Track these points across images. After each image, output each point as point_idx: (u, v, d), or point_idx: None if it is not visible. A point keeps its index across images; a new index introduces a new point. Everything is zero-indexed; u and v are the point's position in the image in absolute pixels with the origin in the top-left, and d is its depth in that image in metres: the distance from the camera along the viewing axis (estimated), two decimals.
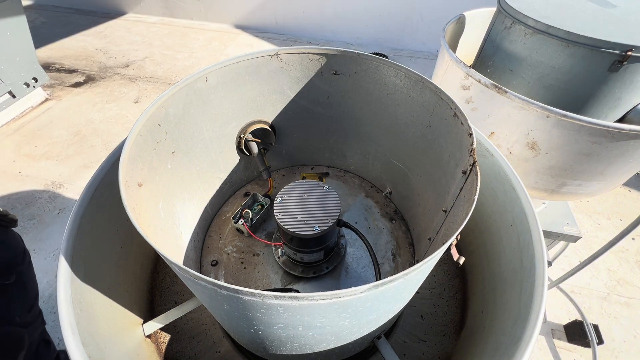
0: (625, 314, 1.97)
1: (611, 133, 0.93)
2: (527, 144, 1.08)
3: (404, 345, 0.80)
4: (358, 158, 1.06)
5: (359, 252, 0.89)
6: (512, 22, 1.12)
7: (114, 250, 0.74)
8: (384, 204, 1.02)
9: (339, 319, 0.48)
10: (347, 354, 0.70)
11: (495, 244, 0.77)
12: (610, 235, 1.61)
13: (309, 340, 0.55)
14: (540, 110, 0.97)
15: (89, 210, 0.67)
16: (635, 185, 2.73)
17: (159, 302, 0.88)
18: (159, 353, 0.79)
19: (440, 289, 0.90)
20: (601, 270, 2.17)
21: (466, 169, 0.61)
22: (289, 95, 0.91)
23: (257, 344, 0.61)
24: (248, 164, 1.04)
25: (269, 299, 0.40)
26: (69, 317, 0.54)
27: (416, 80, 0.74)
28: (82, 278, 0.60)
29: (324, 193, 0.73)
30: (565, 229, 1.43)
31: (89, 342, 0.54)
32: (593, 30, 0.97)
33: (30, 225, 2.35)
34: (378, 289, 0.41)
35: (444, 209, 0.72)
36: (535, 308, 0.56)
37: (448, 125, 0.70)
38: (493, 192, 0.77)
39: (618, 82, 1.00)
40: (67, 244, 0.61)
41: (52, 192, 2.57)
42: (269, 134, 0.97)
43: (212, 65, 0.76)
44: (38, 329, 1.09)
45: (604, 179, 1.11)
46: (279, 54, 0.81)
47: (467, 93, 1.15)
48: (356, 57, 0.79)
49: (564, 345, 1.82)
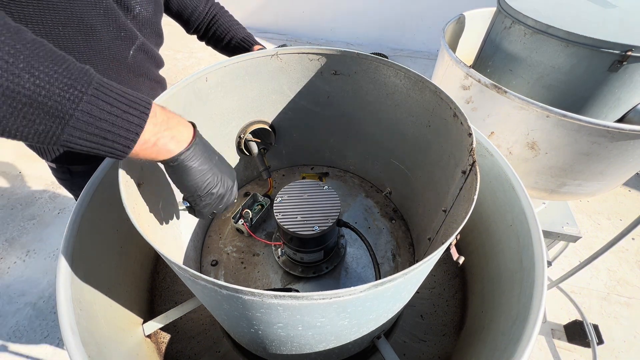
0: (625, 314, 1.97)
1: (611, 133, 0.93)
2: (527, 144, 1.08)
3: (404, 345, 0.80)
4: (358, 158, 1.06)
5: (359, 252, 0.89)
6: (512, 22, 1.12)
7: (114, 250, 0.74)
8: (384, 204, 1.02)
9: (338, 318, 0.48)
10: (347, 354, 0.70)
11: (494, 244, 0.77)
12: (610, 235, 1.61)
13: (308, 340, 0.55)
14: (540, 110, 0.97)
15: (89, 210, 0.67)
16: (635, 185, 2.73)
17: (159, 302, 0.88)
18: (159, 353, 0.79)
19: (440, 289, 0.90)
20: (601, 270, 2.17)
21: (466, 168, 0.61)
22: (289, 95, 0.92)
23: (257, 343, 0.61)
24: (248, 164, 1.04)
25: (269, 298, 0.40)
26: (69, 316, 0.54)
27: (416, 80, 0.74)
28: (82, 278, 0.60)
29: (324, 193, 0.74)
30: (565, 229, 1.43)
31: (89, 341, 0.54)
32: (593, 30, 0.97)
33: (30, 225, 2.35)
34: (378, 288, 0.41)
35: (444, 208, 0.72)
36: (534, 308, 0.56)
37: (448, 125, 0.70)
38: (493, 192, 0.77)
39: (618, 82, 1.00)
40: (67, 244, 0.61)
41: (52, 192, 2.57)
42: (269, 134, 0.97)
43: (212, 65, 0.76)
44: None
45: (604, 179, 1.11)
46: (279, 54, 0.81)
47: (467, 93, 1.15)
48: (356, 57, 0.79)
49: (564, 345, 1.82)
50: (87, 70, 0.40)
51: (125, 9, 0.80)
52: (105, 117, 0.41)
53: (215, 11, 1.13)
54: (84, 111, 0.39)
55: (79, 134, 0.40)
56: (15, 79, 0.34)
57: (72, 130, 0.39)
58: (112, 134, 0.42)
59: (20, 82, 0.35)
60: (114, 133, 0.42)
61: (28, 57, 0.35)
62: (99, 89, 0.40)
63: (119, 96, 0.42)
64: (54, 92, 0.37)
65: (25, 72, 0.35)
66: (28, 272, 2.09)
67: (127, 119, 0.43)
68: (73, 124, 0.39)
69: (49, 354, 1.78)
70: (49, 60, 0.37)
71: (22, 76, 0.35)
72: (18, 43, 0.35)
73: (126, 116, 0.42)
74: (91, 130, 0.40)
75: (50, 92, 0.36)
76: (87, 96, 0.39)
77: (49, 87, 0.36)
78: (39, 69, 0.36)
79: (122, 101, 0.42)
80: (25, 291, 2.00)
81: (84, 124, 0.40)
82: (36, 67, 0.36)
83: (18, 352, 1.78)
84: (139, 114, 0.44)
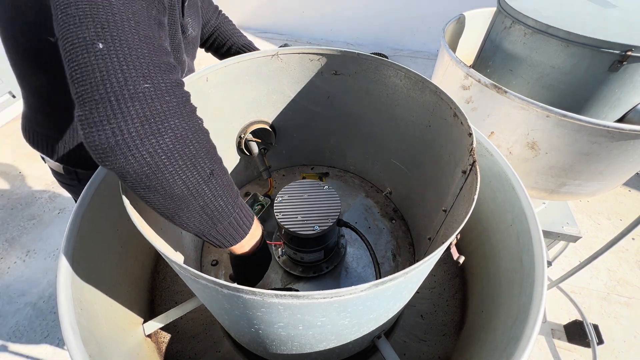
0: (625, 314, 1.97)
1: (611, 133, 0.93)
2: (527, 144, 1.08)
3: (404, 344, 0.80)
4: (358, 158, 1.06)
5: (359, 252, 0.89)
6: (512, 22, 1.12)
7: (114, 250, 0.74)
8: (384, 204, 1.02)
9: (339, 318, 0.48)
10: (347, 354, 0.70)
11: (494, 244, 0.77)
12: (610, 235, 1.61)
13: (309, 340, 0.55)
14: (540, 110, 0.97)
15: (89, 210, 0.67)
16: (635, 185, 2.73)
17: (159, 301, 0.88)
18: (159, 353, 0.79)
19: (440, 289, 0.90)
20: (601, 270, 2.17)
21: (466, 168, 0.61)
22: (289, 95, 0.92)
23: (258, 343, 0.61)
24: (248, 164, 1.04)
25: (270, 297, 0.40)
26: (69, 316, 0.54)
27: (416, 80, 0.74)
28: (82, 278, 0.60)
29: (324, 193, 0.74)
30: (565, 229, 1.43)
31: (90, 341, 0.54)
32: (593, 30, 0.97)
33: (30, 225, 2.35)
34: (378, 287, 0.41)
35: (444, 208, 0.72)
36: (534, 308, 0.56)
37: (448, 125, 0.70)
38: (493, 192, 0.77)
39: (618, 82, 1.00)
40: (67, 244, 0.61)
41: (52, 192, 2.58)
42: (269, 134, 0.97)
43: (212, 65, 0.76)
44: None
45: (604, 179, 1.11)
46: (279, 54, 0.81)
47: (467, 93, 1.15)
48: (356, 57, 0.79)
49: (564, 345, 1.82)
50: (236, 193, 0.55)
51: (183, 32, 0.83)
52: (231, 231, 0.55)
53: (220, 20, 1.14)
54: (227, 223, 0.53)
55: (214, 233, 0.53)
56: (207, 198, 0.48)
57: (215, 232, 0.52)
58: (226, 239, 0.55)
59: (213, 202, 0.49)
60: (228, 238, 0.55)
61: (221, 182, 0.50)
62: (240, 209, 0.55)
63: (244, 213, 0.56)
64: (228, 212, 0.52)
65: (220, 198, 0.49)
66: (28, 272, 2.09)
67: (239, 229, 0.56)
68: (218, 229, 0.52)
69: (49, 354, 1.78)
70: (230, 187, 0.52)
71: (216, 198, 0.49)
72: (215, 163, 0.49)
73: (240, 230, 0.56)
74: (219, 234, 0.53)
75: (224, 213, 0.51)
76: (233, 216, 0.54)
77: (227, 209, 0.51)
78: (223, 197, 0.50)
79: (244, 218, 0.57)
80: (25, 291, 2.00)
81: (221, 232, 0.53)
82: (221, 194, 0.50)
83: (18, 352, 1.78)
84: (246, 229, 0.58)
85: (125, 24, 0.42)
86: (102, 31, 0.40)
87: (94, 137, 0.40)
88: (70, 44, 0.40)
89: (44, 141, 0.89)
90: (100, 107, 0.39)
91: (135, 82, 0.41)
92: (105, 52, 0.40)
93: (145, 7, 0.46)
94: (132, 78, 0.40)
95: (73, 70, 0.40)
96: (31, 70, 0.77)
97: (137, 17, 0.44)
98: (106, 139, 0.39)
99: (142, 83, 0.41)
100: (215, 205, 0.49)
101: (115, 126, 0.39)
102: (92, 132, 0.40)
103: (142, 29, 0.44)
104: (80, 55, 0.40)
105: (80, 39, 0.40)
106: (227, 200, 0.51)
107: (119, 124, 0.39)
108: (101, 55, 0.40)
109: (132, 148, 0.40)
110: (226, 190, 0.51)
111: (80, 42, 0.40)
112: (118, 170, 0.42)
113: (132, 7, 0.43)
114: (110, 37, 0.40)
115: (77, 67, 0.40)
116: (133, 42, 0.42)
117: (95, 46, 0.40)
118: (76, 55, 0.40)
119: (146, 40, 0.44)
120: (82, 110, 0.40)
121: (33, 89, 0.82)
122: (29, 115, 0.88)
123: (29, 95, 0.84)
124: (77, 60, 0.40)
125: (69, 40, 0.41)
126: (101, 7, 0.41)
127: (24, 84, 0.82)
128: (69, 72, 0.41)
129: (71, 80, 0.41)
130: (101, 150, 0.40)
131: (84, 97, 0.40)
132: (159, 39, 0.47)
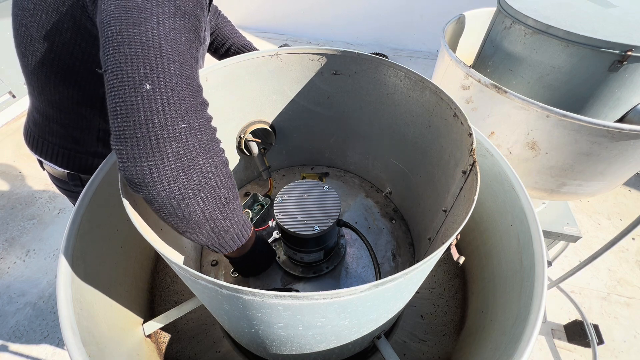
0: (625, 314, 1.97)
1: (611, 133, 0.93)
2: (527, 144, 1.08)
3: (404, 345, 0.80)
4: (358, 158, 1.06)
5: (359, 252, 0.89)
6: (512, 22, 1.12)
7: (114, 250, 0.74)
8: (384, 204, 1.02)
9: (339, 318, 0.48)
10: (347, 354, 0.70)
11: (495, 244, 0.77)
12: (610, 235, 1.61)
13: (309, 340, 0.55)
14: (540, 110, 0.97)
15: (89, 210, 0.67)
16: (636, 185, 2.73)
17: (159, 302, 0.88)
18: (159, 353, 0.79)
19: (440, 289, 0.90)
20: (601, 270, 2.17)
21: (466, 168, 0.61)
22: (289, 95, 0.92)
23: (257, 343, 0.61)
24: (248, 164, 1.04)
25: (270, 298, 0.40)
26: (69, 316, 0.54)
27: (416, 80, 0.74)
28: (82, 278, 0.60)
29: (324, 193, 0.74)
30: (565, 229, 1.43)
31: (90, 341, 0.54)
32: (593, 30, 0.97)
33: (30, 225, 2.35)
34: (378, 288, 0.41)
35: (444, 208, 0.72)
36: (535, 308, 0.56)
37: (448, 125, 0.70)
38: (493, 192, 0.77)
39: (618, 82, 1.00)
40: (67, 244, 0.61)
41: (52, 192, 2.58)
42: (269, 134, 0.97)
43: (212, 65, 0.76)
44: None
45: (604, 179, 1.11)
46: (279, 54, 0.81)
47: (467, 93, 1.15)
48: (356, 57, 0.79)
49: (564, 345, 1.82)
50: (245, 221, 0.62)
51: (202, 43, 0.84)
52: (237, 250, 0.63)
53: (219, 21, 1.14)
54: (230, 238, 0.58)
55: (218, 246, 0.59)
56: (219, 221, 0.53)
57: (217, 244, 0.57)
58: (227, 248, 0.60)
59: (223, 224, 0.54)
60: (226, 247, 0.60)
61: (232, 207, 0.55)
62: (243, 226, 0.60)
63: (244, 227, 0.61)
64: (232, 230, 0.57)
65: (228, 220, 0.55)
66: (28, 272, 2.09)
67: (237, 241, 0.61)
68: (220, 242, 0.57)
69: (49, 354, 1.78)
70: (238, 210, 0.57)
71: (225, 220, 0.54)
72: (230, 192, 0.54)
73: (238, 241, 0.61)
74: (221, 244, 0.58)
75: (229, 230, 0.56)
76: (242, 237, 0.61)
77: (232, 228, 0.57)
78: (231, 219, 0.55)
79: (243, 231, 0.61)
80: (25, 291, 2.00)
81: (222, 244, 0.58)
82: (230, 217, 0.55)
83: (18, 352, 1.78)
84: (243, 240, 0.62)
85: (172, 67, 0.45)
86: (151, 73, 0.43)
87: (132, 171, 0.43)
88: (119, 82, 0.43)
89: (54, 150, 0.88)
90: (142, 145, 0.42)
91: (174, 123, 0.44)
92: (151, 93, 0.43)
93: (189, 47, 0.48)
94: (172, 119, 0.44)
95: (117, 105, 0.43)
96: (55, 84, 0.77)
97: (182, 59, 0.46)
98: (143, 175, 0.43)
99: (180, 123, 0.44)
100: (223, 225, 0.54)
101: (153, 164, 0.43)
102: (130, 166, 0.43)
103: (186, 70, 0.47)
104: (127, 93, 0.42)
105: (130, 78, 0.42)
106: (234, 221, 0.56)
107: (156, 161, 0.43)
108: (147, 95, 0.42)
109: (164, 184, 0.44)
110: (235, 213, 0.56)
111: (130, 81, 0.42)
112: (148, 198, 0.46)
113: (178, 49, 0.46)
114: (157, 79, 0.43)
115: (122, 103, 0.42)
116: (177, 84, 0.45)
117: (142, 87, 0.42)
118: (123, 92, 0.43)
119: (187, 81, 0.47)
120: (123, 145, 0.43)
121: (53, 101, 0.81)
122: (41, 124, 0.87)
123: (47, 107, 0.83)
124: (123, 97, 0.43)
125: (118, 78, 0.43)
126: (152, 49, 0.43)
127: (42, 96, 0.81)
128: (113, 106, 0.43)
129: (114, 114, 0.43)
130: (137, 183, 0.44)
131: (125, 133, 0.43)
132: (197, 77, 0.50)
